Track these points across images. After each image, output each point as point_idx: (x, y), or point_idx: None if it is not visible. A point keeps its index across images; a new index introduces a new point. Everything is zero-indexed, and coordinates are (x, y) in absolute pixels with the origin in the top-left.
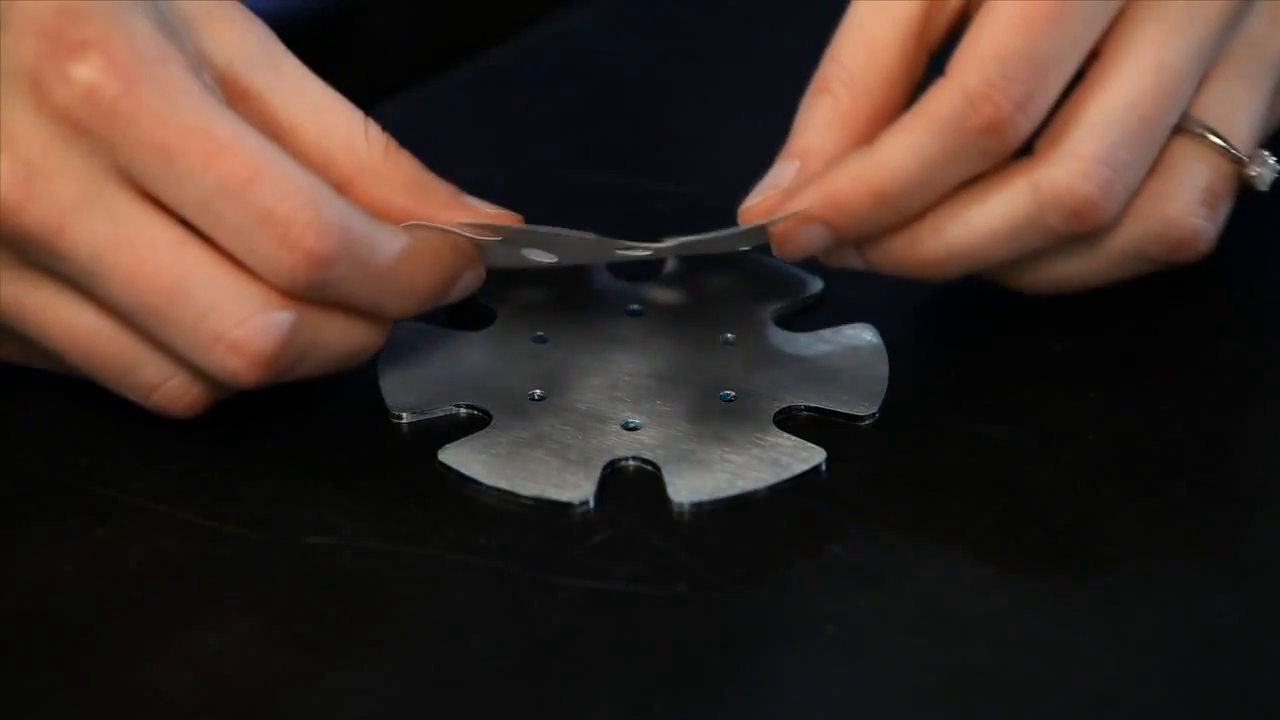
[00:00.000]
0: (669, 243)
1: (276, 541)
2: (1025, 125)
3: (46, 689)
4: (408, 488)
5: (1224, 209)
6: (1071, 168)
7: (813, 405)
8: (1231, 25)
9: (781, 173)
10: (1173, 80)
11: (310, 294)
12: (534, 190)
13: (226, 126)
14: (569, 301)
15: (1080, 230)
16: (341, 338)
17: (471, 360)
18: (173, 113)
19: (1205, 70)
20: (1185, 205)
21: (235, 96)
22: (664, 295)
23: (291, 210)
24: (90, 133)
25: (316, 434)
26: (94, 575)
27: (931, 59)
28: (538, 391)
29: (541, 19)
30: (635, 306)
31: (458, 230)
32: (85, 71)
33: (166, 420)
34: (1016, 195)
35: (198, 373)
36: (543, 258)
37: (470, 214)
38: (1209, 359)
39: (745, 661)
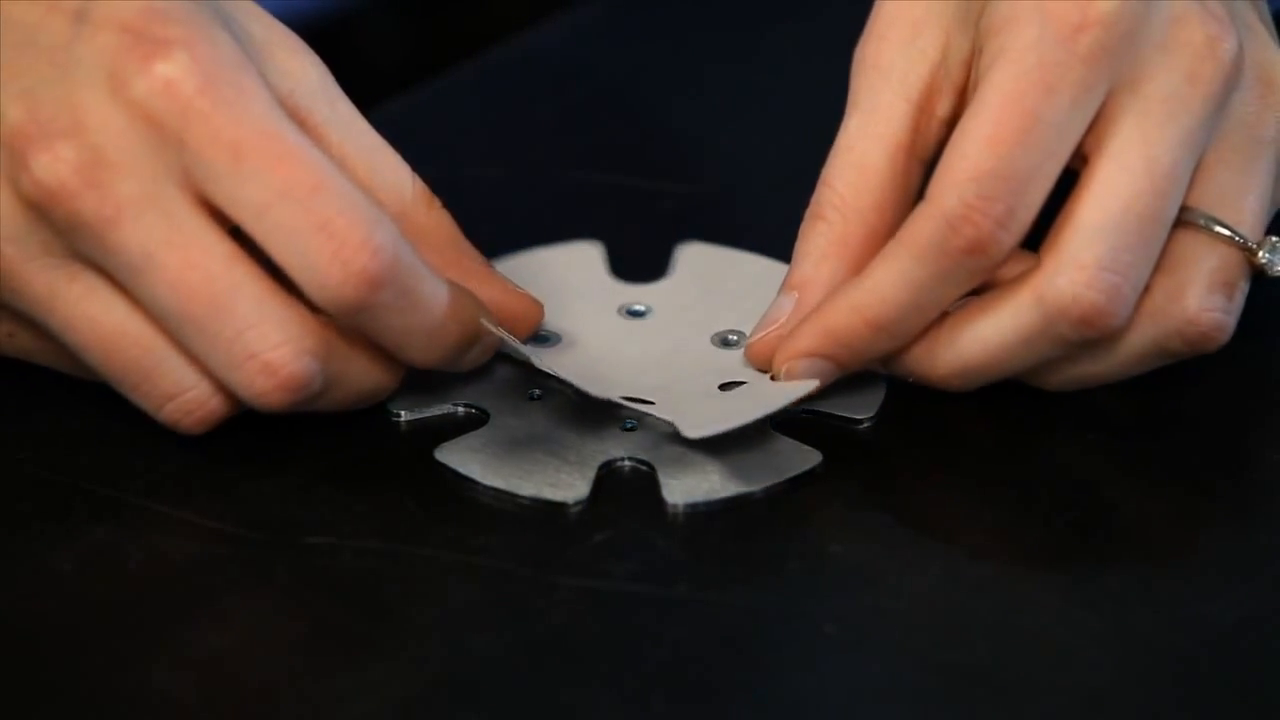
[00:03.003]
0: (678, 423)
1: (276, 541)
2: (1008, 241)
3: (46, 689)
4: (408, 487)
5: (1239, 297)
6: (1075, 277)
7: (811, 408)
8: (1216, 111)
9: (781, 307)
10: (1164, 175)
11: (352, 316)
12: (534, 190)
13: (295, 136)
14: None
15: (1092, 336)
16: (364, 376)
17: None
18: (246, 115)
19: (1199, 159)
20: (1200, 300)
21: None
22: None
23: (350, 225)
24: (162, 128)
25: (316, 434)
26: (94, 575)
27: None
28: (536, 391)
29: (540, 20)
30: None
31: (496, 329)
32: (168, 67)
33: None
34: (1023, 308)
35: (217, 387)
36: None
37: (495, 289)
38: (1209, 360)
39: (745, 661)
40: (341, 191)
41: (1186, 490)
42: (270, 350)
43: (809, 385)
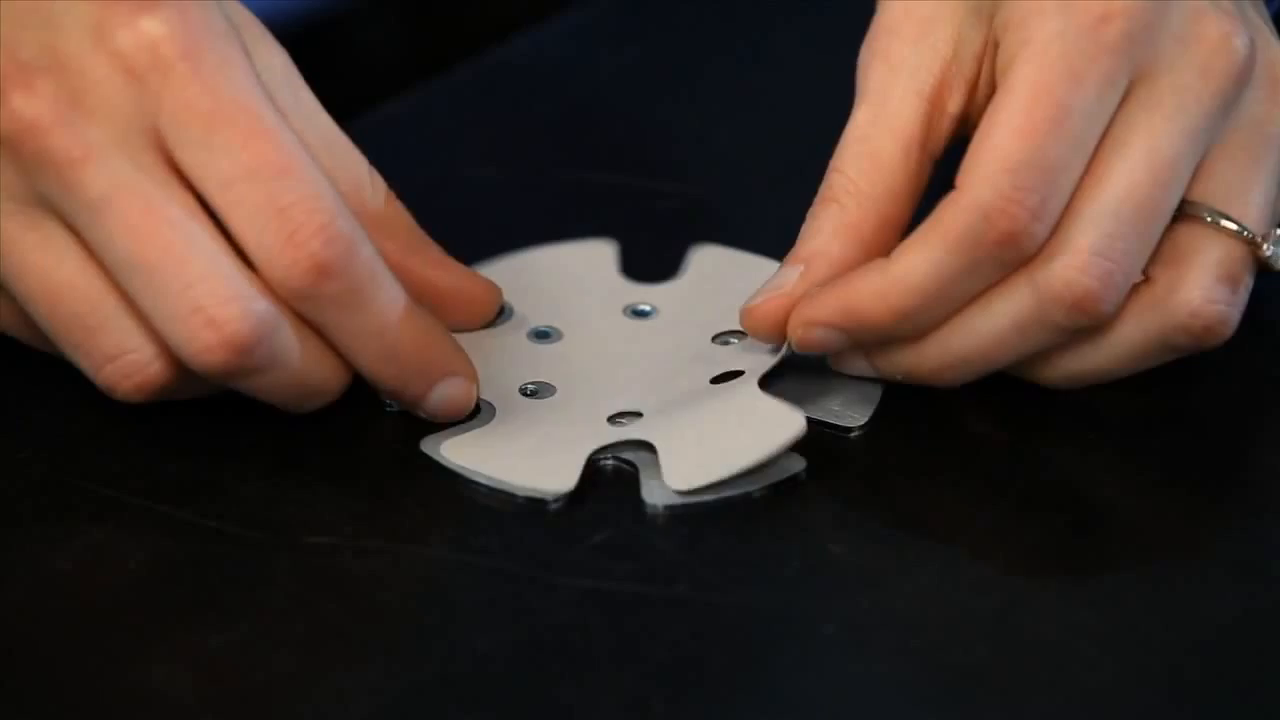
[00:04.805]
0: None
1: (276, 541)
2: (1041, 232)
3: (46, 689)
4: (407, 487)
5: (1244, 291)
6: (1068, 262)
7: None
8: (1226, 106)
9: (786, 276)
10: (1165, 166)
11: (301, 302)
12: (534, 190)
13: (272, 115)
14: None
15: (1083, 322)
16: (310, 363)
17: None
18: (226, 88)
19: (1202, 153)
20: (1205, 293)
21: None
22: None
23: (308, 212)
24: (141, 83)
25: (315, 433)
26: (94, 575)
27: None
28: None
29: (540, 20)
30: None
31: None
32: (154, 25)
33: (166, 421)
34: (1017, 296)
35: (160, 351)
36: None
37: (455, 275)
38: (1209, 360)
39: (745, 661)
40: (308, 178)
41: (1187, 490)
42: (217, 305)
43: (794, 429)
